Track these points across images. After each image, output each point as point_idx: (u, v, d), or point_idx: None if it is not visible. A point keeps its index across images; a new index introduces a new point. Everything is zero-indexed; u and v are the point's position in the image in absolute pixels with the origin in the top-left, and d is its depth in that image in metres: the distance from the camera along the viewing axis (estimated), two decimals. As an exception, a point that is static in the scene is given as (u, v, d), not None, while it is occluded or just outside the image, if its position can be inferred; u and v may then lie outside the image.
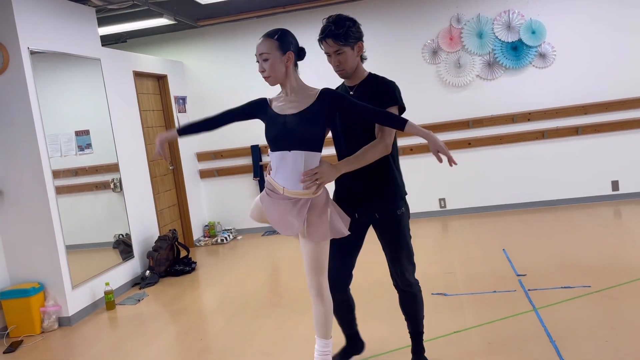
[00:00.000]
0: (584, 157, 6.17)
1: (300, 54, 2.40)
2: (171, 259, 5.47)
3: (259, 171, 6.76)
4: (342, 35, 2.42)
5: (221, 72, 6.73)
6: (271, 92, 2.54)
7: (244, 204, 6.95)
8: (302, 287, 4.37)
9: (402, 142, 6.12)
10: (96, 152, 4.94)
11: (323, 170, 2.33)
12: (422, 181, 6.40)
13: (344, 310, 2.81)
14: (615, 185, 6.15)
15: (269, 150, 2.45)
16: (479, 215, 6.30)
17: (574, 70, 6.09)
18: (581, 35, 6.04)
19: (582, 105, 6.09)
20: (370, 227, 2.66)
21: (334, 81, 2.65)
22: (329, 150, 2.57)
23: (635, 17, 5.93)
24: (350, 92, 2.54)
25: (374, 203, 2.56)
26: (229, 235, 6.70)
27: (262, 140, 5.28)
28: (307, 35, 3.34)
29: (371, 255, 3.17)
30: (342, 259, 2.65)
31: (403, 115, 2.42)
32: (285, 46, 2.33)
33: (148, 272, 5.21)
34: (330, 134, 2.59)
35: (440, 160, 2.32)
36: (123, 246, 5.18)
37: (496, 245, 4.96)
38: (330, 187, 2.57)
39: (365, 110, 2.35)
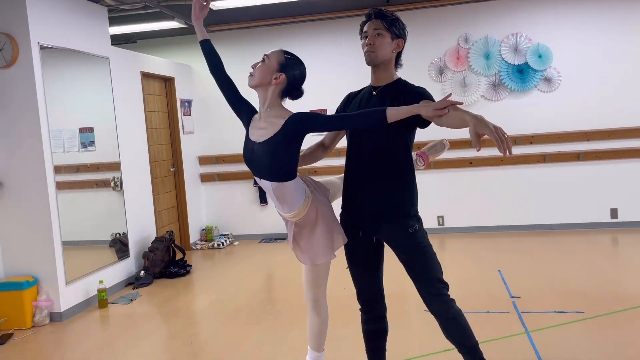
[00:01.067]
0: (584, 183, 6.18)
1: (295, 90, 2.31)
2: (166, 261, 5.46)
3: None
4: (388, 18, 2.34)
5: (228, 77, 6.76)
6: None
7: (243, 210, 6.96)
8: (296, 297, 4.37)
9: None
10: (99, 150, 4.96)
11: (491, 126, 1.89)
12: (422, 197, 6.37)
13: (375, 335, 2.58)
14: (614, 213, 6.15)
15: None
16: (477, 235, 6.29)
17: (579, 96, 6.12)
18: (587, 62, 6.08)
19: (584, 131, 6.12)
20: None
21: (346, 88, 2.65)
22: (337, 161, 2.56)
23: (641, 47, 5.99)
24: (374, 93, 2.38)
25: (384, 224, 2.35)
26: (225, 240, 6.69)
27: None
28: (314, 45, 3.35)
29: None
30: (362, 280, 2.50)
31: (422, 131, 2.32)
32: (286, 69, 2.25)
33: (143, 272, 5.21)
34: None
35: (449, 106, 2.08)
36: (119, 245, 5.18)
37: (492, 266, 4.95)
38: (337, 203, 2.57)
39: (340, 122, 2.25)
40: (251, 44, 6.69)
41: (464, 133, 6.25)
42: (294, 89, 2.31)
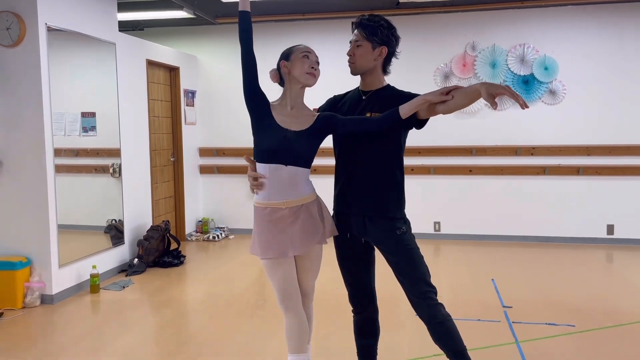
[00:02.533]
0: (583, 198, 6.18)
1: None
2: (161, 250, 5.46)
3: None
4: (369, 28, 2.35)
5: (234, 71, 6.76)
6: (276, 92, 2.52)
7: (240, 204, 6.96)
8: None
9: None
10: (100, 135, 4.95)
11: (503, 85, 2.09)
12: (419, 202, 6.41)
13: (366, 337, 2.60)
14: (610, 229, 6.16)
15: (257, 161, 2.34)
16: (472, 243, 6.30)
17: (582, 111, 6.13)
18: (592, 77, 6.09)
19: (586, 146, 6.12)
20: None
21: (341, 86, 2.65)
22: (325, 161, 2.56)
23: (647, 66, 5.99)
24: (363, 97, 2.42)
25: (371, 226, 2.37)
26: (221, 233, 6.69)
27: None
28: (322, 44, 3.34)
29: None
30: (353, 281, 2.51)
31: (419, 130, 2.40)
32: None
33: (136, 260, 5.20)
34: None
35: (453, 89, 2.18)
36: (114, 232, 5.18)
37: (485, 275, 4.96)
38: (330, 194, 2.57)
39: (357, 122, 2.31)
40: (258, 40, 6.67)
41: (465, 140, 6.28)
42: None
